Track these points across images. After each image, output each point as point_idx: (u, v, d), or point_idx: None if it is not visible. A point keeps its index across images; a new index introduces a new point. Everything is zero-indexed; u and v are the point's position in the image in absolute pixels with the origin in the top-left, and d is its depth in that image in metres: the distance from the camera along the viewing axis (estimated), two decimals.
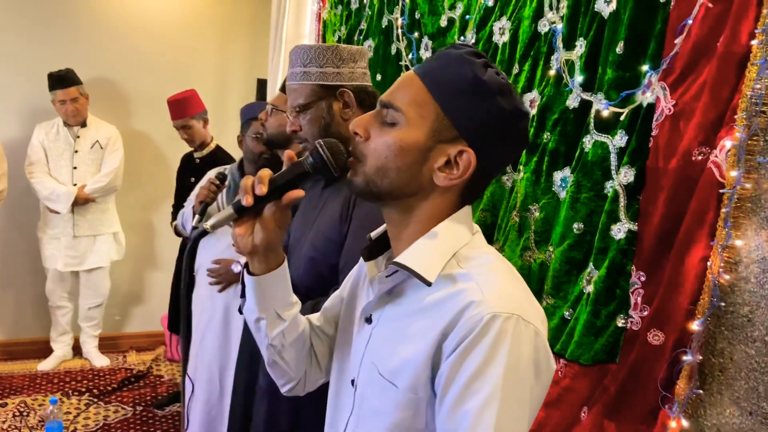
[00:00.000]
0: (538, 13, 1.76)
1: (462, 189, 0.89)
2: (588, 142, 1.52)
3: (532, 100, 1.75)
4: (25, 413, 3.29)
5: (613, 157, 1.45)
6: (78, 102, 3.62)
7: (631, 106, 1.40)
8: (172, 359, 4.14)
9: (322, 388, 1.16)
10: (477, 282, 0.82)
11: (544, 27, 1.73)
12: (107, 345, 4.14)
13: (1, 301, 3.93)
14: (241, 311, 1.55)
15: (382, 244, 0.99)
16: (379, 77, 2.62)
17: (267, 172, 0.89)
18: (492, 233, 1.87)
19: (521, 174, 1.77)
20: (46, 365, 3.86)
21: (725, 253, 1.17)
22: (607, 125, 1.47)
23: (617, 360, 1.39)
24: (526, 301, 0.84)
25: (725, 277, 1.17)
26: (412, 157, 0.86)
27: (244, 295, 1.00)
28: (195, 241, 0.96)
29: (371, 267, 0.97)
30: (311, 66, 1.39)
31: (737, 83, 1.17)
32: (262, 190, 0.88)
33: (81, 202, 3.65)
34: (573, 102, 1.59)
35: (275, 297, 0.98)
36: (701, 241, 1.22)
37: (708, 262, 1.20)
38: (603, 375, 1.42)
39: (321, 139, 0.91)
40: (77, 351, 4.02)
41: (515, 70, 1.83)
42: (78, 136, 3.71)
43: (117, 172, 3.77)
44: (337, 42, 3.12)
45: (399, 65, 2.50)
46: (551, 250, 1.63)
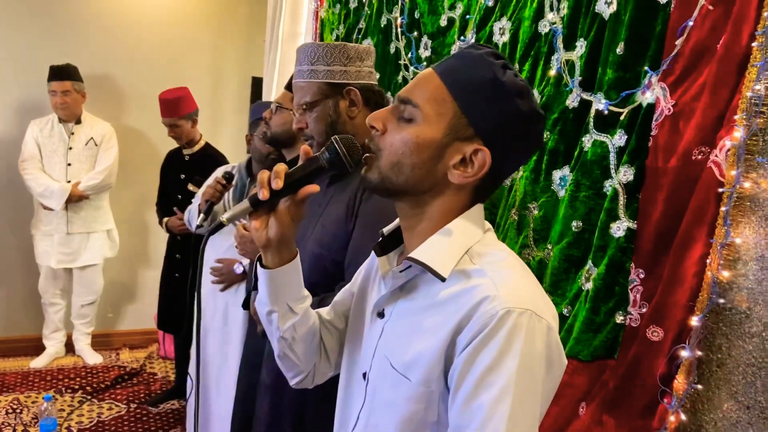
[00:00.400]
0: (539, 14, 1.77)
1: (475, 187, 0.91)
2: (587, 141, 1.54)
3: None
4: (18, 410, 3.27)
5: (612, 157, 1.47)
6: (68, 96, 3.60)
7: (630, 106, 1.42)
8: (165, 357, 4.13)
9: (325, 384, 1.17)
10: (491, 278, 0.84)
11: (544, 27, 1.75)
12: (100, 342, 4.13)
13: None
14: (244, 306, 1.55)
15: (394, 239, 1.00)
16: (377, 76, 2.62)
17: (283, 167, 0.91)
18: None
19: (520, 172, 1.79)
20: (38, 362, 3.84)
21: (724, 251, 1.19)
22: (606, 125, 1.49)
23: (616, 356, 1.41)
24: (539, 296, 0.86)
25: (724, 274, 1.19)
26: (428, 154, 0.87)
27: (256, 288, 1.01)
28: (208, 236, 0.97)
29: (383, 262, 0.98)
30: (319, 64, 1.40)
31: (737, 84, 1.18)
32: (278, 184, 0.89)
33: (74, 199, 3.63)
34: (573, 102, 1.61)
35: (287, 290, 0.99)
36: (700, 239, 1.24)
37: (707, 260, 1.22)
38: (602, 371, 1.44)
39: (337, 135, 0.92)
40: (70, 348, 4.01)
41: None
42: (72, 133, 3.70)
43: (111, 169, 3.76)
44: (335, 41, 3.13)
45: (398, 64, 2.51)
46: (550, 247, 1.65)
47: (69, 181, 3.65)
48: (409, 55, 2.43)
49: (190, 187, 3.25)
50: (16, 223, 3.93)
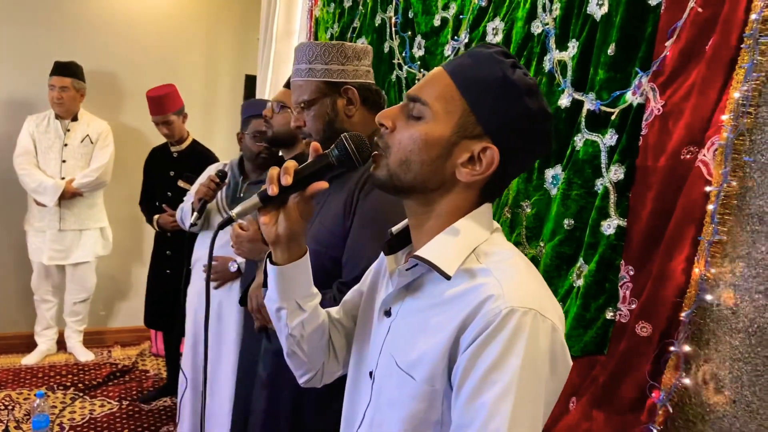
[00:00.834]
0: (532, 15, 1.79)
1: (483, 186, 0.91)
2: (579, 140, 1.56)
3: None
4: (10, 407, 3.27)
5: (603, 156, 1.49)
6: (66, 92, 3.60)
7: (621, 106, 1.45)
8: (157, 354, 4.13)
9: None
10: (496, 277, 0.83)
11: (537, 28, 1.77)
12: (92, 340, 4.12)
13: None
14: (242, 303, 1.56)
15: (403, 239, 1.00)
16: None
17: (293, 163, 0.91)
18: None
19: None
20: (30, 359, 3.83)
21: (711, 249, 1.21)
22: (597, 124, 1.51)
23: (606, 351, 1.43)
24: (544, 296, 0.85)
25: (711, 271, 1.21)
26: (437, 152, 0.88)
27: (266, 284, 1.01)
28: (216, 232, 0.98)
29: (391, 261, 0.99)
30: (316, 63, 1.42)
31: (725, 85, 1.21)
32: (288, 180, 0.89)
33: (68, 196, 3.63)
34: (565, 101, 1.63)
35: (296, 287, 0.99)
36: (688, 236, 1.26)
37: (695, 257, 1.24)
38: (592, 366, 1.46)
39: (346, 133, 0.93)
40: (62, 345, 4.00)
41: None
42: (68, 130, 3.70)
43: (106, 167, 3.75)
44: (329, 40, 3.14)
45: (392, 63, 2.52)
46: (542, 245, 1.67)
47: (63, 178, 3.64)
48: (403, 54, 2.45)
49: (181, 183, 3.24)
50: (9, 219, 3.92)
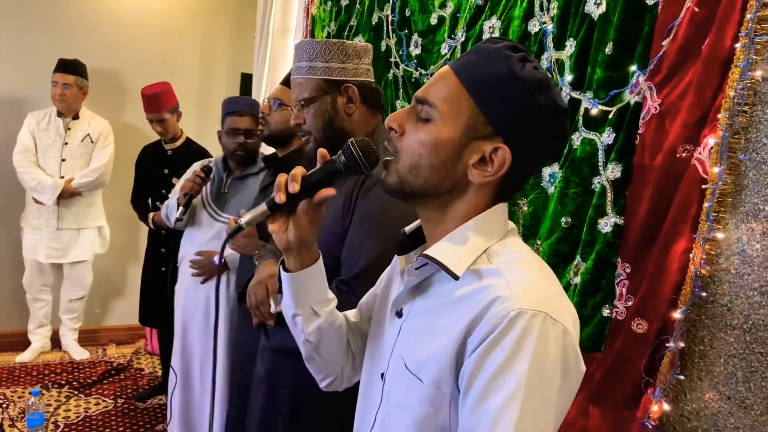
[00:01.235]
0: (529, 14, 1.80)
1: (497, 186, 0.88)
2: (576, 139, 1.57)
3: None
4: (4, 405, 3.26)
5: (600, 154, 1.50)
6: (68, 89, 3.59)
7: (618, 105, 1.46)
8: (152, 352, 4.12)
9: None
10: (505, 278, 0.81)
11: (534, 27, 1.78)
12: (87, 338, 4.11)
13: None
14: (240, 300, 1.55)
15: (415, 239, 0.98)
16: None
17: (300, 170, 0.90)
18: None
19: None
20: (24, 357, 3.81)
21: (707, 246, 1.22)
22: (595, 123, 1.52)
23: (602, 348, 1.45)
24: (556, 298, 0.82)
25: (707, 268, 1.23)
26: (446, 154, 0.85)
27: (281, 290, 1.01)
28: (226, 241, 0.98)
29: (403, 261, 0.97)
30: (317, 61, 1.42)
31: (721, 84, 1.22)
32: (295, 188, 0.89)
33: (67, 196, 3.61)
34: None
35: (311, 293, 0.99)
36: (684, 234, 1.27)
37: (690, 254, 1.25)
38: (588, 363, 1.46)
39: (353, 138, 0.91)
40: (56, 343, 3.98)
41: None
42: (69, 128, 3.68)
43: (106, 167, 3.74)
44: (326, 38, 3.14)
45: (388, 62, 2.53)
46: (539, 243, 1.68)
47: (62, 177, 3.63)
48: (400, 52, 2.46)
49: (176, 181, 3.24)
50: (5, 216, 3.90)
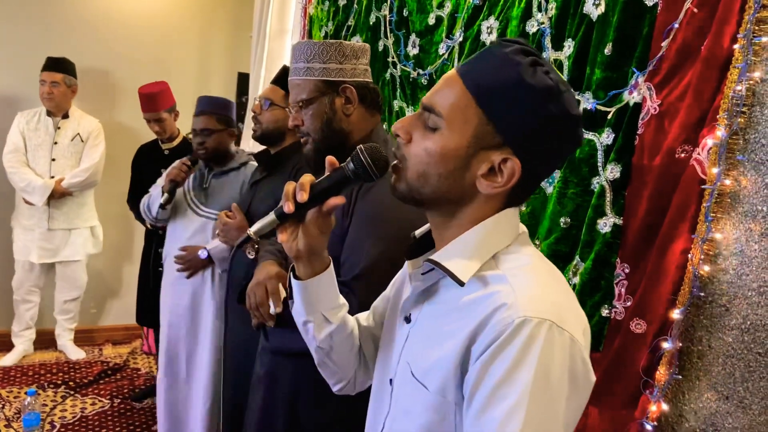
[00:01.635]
0: (527, 14, 1.80)
1: (508, 194, 0.85)
2: None
3: None
4: (0, 405, 3.24)
5: (599, 155, 1.50)
6: (56, 88, 3.57)
7: (618, 106, 1.46)
8: (149, 352, 4.11)
9: (318, 377, 1.17)
10: (511, 284, 0.78)
11: (532, 27, 1.78)
12: (83, 338, 4.09)
13: None
14: (240, 300, 1.56)
15: (425, 244, 0.96)
16: None
17: (308, 178, 0.89)
18: None
19: None
20: (6, 360, 3.75)
21: (705, 246, 1.23)
22: (594, 123, 1.53)
23: (601, 348, 1.45)
24: (564, 305, 0.79)
25: (705, 268, 1.23)
26: (454, 164, 0.83)
27: (292, 296, 1.00)
28: (235, 250, 0.97)
29: (411, 266, 0.96)
30: (314, 62, 1.42)
31: (719, 85, 1.23)
32: (303, 197, 0.87)
33: (57, 196, 3.59)
34: None
35: (322, 300, 0.98)
36: (683, 234, 1.28)
37: (689, 255, 1.26)
38: None
39: (362, 145, 0.89)
40: (52, 344, 3.96)
41: None
42: (59, 128, 3.66)
43: (97, 167, 3.71)
44: (324, 38, 3.14)
45: (386, 61, 2.53)
46: (538, 243, 1.68)
47: (53, 177, 3.60)
48: (398, 52, 2.46)
49: None
50: None
